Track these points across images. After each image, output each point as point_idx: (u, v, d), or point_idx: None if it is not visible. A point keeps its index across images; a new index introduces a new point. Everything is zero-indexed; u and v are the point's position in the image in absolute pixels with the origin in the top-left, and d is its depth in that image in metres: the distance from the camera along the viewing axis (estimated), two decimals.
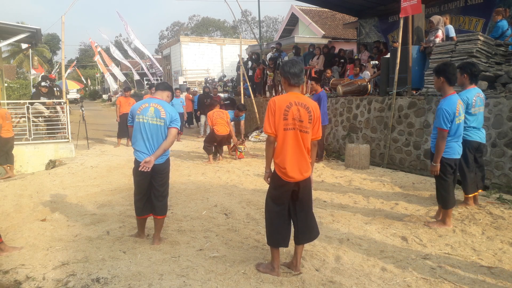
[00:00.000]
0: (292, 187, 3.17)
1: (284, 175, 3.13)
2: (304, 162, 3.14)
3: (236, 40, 26.16)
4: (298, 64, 3.18)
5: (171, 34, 60.23)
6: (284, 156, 3.11)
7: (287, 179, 3.13)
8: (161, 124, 3.87)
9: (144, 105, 3.92)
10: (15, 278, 3.35)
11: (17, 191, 6.63)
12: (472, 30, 9.50)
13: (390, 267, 3.41)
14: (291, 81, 3.17)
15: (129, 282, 3.17)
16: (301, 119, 3.08)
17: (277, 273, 3.26)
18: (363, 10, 12.66)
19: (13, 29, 10.22)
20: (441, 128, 4.11)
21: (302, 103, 3.11)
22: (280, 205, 3.22)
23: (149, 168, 3.75)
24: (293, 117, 3.07)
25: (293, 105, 3.08)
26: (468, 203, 4.93)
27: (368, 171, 7.43)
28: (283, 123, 3.08)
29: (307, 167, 3.18)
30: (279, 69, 3.50)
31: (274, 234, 3.24)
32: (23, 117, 9.75)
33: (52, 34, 52.84)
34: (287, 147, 3.10)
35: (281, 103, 3.10)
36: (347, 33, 19.06)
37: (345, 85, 9.51)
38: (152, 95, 4.13)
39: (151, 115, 3.86)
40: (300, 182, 3.16)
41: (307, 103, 3.13)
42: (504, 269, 3.33)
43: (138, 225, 4.20)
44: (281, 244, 3.27)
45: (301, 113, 3.08)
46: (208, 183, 6.75)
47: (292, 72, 3.14)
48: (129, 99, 11.66)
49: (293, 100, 3.10)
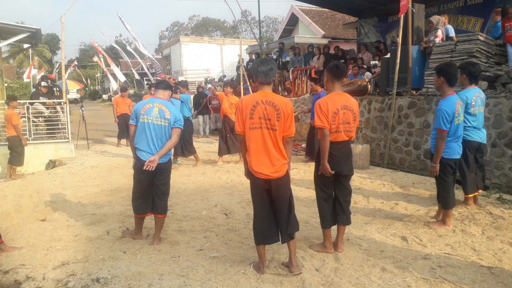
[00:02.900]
0: (263, 184, 3.19)
1: (253, 172, 3.19)
2: (273, 160, 3.15)
3: (236, 40, 26.17)
4: (268, 63, 3.22)
5: (171, 34, 60.26)
6: (250, 154, 3.17)
7: (256, 175, 3.18)
8: (166, 124, 3.91)
9: (148, 105, 3.93)
10: (15, 278, 3.35)
11: (17, 191, 6.63)
12: (470, 30, 9.50)
13: (390, 267, 3.41)
14: (259, 79, 3.21)
15: (129, 282, 3.18)
16: (268, 117, 3.11)
17: (262, 271, 3.30)
18: (363, 10, 12.66)
19: (13, 29, 10.21)
20: (441, 129, 4.10)
21: (269, 101, 3.13)
22: (257, 202, 3.27)
23: (153, 168, 3.82)
24: (259, 116, 3.11)
25: (260, 104, 3.11)
26: (468, 203, 4.93)
27: (368, 171, 7.43)
28: (249, 122, 3.13)
29: (278, 166, 3.16)
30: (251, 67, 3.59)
31: (256, 231, 3.28)
32: (23, 117, 9.75)
33: (52, 34, 52.91)
34: (253, 145, 3.15)
35: (248, 103, 3.15)
36: (347, 33, 19.06)
37: (345, 85, 9.50)
38: (154, 95, 4.13)
39: (156, 115, 3.89)
40: (271, 181, 3.17)
41: (275, 101, 3.14)
42: (504, 269, 3.33)
43: (135, 224, 4.20)
44: (262, 241, 3.29)
45: (268, 112, 3.11)
46: (208, 183, 6.75)
47: (260, 70, 3.18)
48: (125, 99, 11.71)
49: (260, 99, 3.14)
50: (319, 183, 3.69)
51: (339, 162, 3.58)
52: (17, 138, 8.11)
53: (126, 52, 23.54)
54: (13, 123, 7.96)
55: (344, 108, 3.54)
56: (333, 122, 3.49)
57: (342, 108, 3.53)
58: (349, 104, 3.57)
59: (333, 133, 3.53)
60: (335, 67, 3.63)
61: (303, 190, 6.07)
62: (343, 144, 3.61)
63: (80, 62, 52.56)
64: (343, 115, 3.52)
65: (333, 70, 3.62)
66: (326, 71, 3.74)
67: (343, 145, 3.61)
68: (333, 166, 3.56)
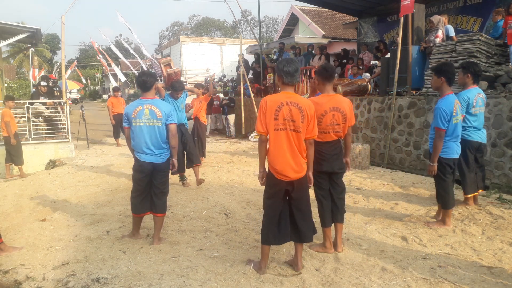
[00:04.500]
0: (285, 186, 3.20)
1: (276, 174, 3.17)
2: (296, 161, 3.16)
3: (236, 40, 26.16)
4: (294, 63, 3.20)
5: (171, 34, 60.25)
6: (275, 156, 3.15)
7: (279, 177, 3.17)
8: (159, 125, 3.92)
9: (138, 108, 3.91)
10: (15, 278, 3.35)
11: (17, 191, 6.64)
12: (469, 30, 9.50)
13: (390, 267, 3.41)
14: (285, 79, 3.18)
15: (129, 282, 3.18)
16: (293, 118, 3.10)
17: (263, 271, 3.30)
18: (363, 10, 12.65)
19: (13, 29, 10.22)
20: (438, 128, 4.11)
21: (294, 102, 3.12)
22: (274, 203, 3.26)
23: (176, 168, 4.20)
24: (284, 117, 3.10)
25: (284, 105, 3.10)
26: (468, 203, 4.93)
27: (368, 171, 7.43)
28: (274, 123, 3.11)
29: (301, 167, 3.19)
30: (275, 67, 3.55)
31: (267, 231, 3.27)
32: (23, 117, 9.75)
33: (52, 34, 52.85)
34: (278, 147, 3.13)
35: (272, 103, 3.12)
36: (347, 33, 19.05)
37: (345, 85, 9.50)
38: (141, 97, 4.04)
39: (147, 117, 3.89)
40: (294, 181, 3.19)
41: (300, 102, 3.13)
42: (504, 269, 3.33)
43: (133, 224, 4.19)
44: (271, 242, 3.29)
45: (292, 113, 3.10)
46: (208, 183, 6.75)
47: (286, 71, 3.16)
48: (119, 98, 11.82)
49: (285, 100, 3.12)
50: (316, 182, 3.70)
51: (329, 160, 3.64)
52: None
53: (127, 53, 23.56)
54: (5, 120, 7.96)
55: (334, 110, 3.57)
56: (319, 123, 3.50)
57: (331, 110, 3.56)
58: (339, 105, 3.59)
59: (321, 134, 3.56)
60: (324, 69, 3.67)
61: None
62: (333, 143, 3.68)
63: (80, 62, 52.52)
64: (332, 116, 3.57)
65: (322, 73, 3.66)
66: (315, 74, 3.77)
67: (333, 144, 3.68)
68: (325, 165, 3.63)
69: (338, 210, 3.74)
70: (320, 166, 3.63)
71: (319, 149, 3.60)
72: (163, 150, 4.01)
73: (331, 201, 3.74)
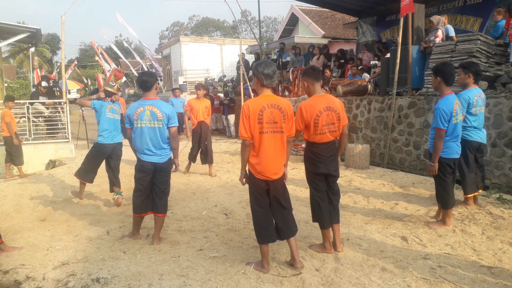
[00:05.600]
0: (264, 185, 3.28)
1: (255, 173, 3.25)
2: (279, 162, 3.27)
3: (236, 40, 26.15)
4: (271, 65, 3.25)
5: (171, 34, 60.24)
6: (260, 158, 3.21)
7: (258, 176, 3.25)
8: (160, 126, 3.94)
9: (140, 109, 3.92)
10: (15, 278, 3.35)
11: (17, 191, 6.63)
12: (469, 30, 9.49)
13: (390, 267, 3.41)
14: (264, 82, 3.22)
15: (129, 282, 3.18)
16: (275, 120, 3.19)
17: (267, 270, 3.32)
18: (363, 10, 12.65)
19: (13, 29, 10.22)
20: (438, 128, 4.11)
21: (274, 104, 3.20)
22: (261, 202, 3.31)
23: (177, 168, 4.33)
24: (267, 121, 3.17)
25: (266, 109, 3.17)
26: (468, 203, 4.93)
27: (368, 171, 7.43)
28: (258, 127, 3.17)
29: (281, 168, 3.31)
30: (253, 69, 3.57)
31: (260, 230, 3.32)
32: (23, 117, 9.74)
33: (52, 34, 52.78)
34: (263, 149, 3.20)
35: (254, 108, 3.18)
36: (347, 33, 19.04)
37: (345, 85, 9.51)
38: (142, 97, 4.06)
39: (148, 118, 3.91)
40: (271, 182, 3.28)
41: (280, 103, 3.22)
42: (504, 269, 3.33)
43: (134, 224, 4.20)
44: (268, 240, 3.33)
45: (274, 115, 3.18)
46: (208, 183, 6.75)
47: (266, 73, 3.20)
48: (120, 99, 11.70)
49: (266, 103, 3.18)
50: (313, 184, 3.71)
51: (325, 162, 3.64)
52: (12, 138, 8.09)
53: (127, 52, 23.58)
54: (6, 120, 7.97)
55: (328, 109, 3.58)
56: (316, 125, 3.54)
57: (325, 110, 3.57)
58: (332, 105, 3.61)
59: (318, 135, 3.59)
60: (311, 70, 3.70)
61: (303, 190, 6.06)
62: (329, 145, 3.68)
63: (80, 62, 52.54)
64: (326, 116, 3.57)
65: (310, 74, 3.67)
66: (303, 76, 3.74)
67: (329, 145, 3.68)
68: (321, 166, 3.63)
69: (335, 211, 3.75)
70: (317, 168, 3.64)
71: (316, 151, 3.63)
72: (164, 150, 4.02)
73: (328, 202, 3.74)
